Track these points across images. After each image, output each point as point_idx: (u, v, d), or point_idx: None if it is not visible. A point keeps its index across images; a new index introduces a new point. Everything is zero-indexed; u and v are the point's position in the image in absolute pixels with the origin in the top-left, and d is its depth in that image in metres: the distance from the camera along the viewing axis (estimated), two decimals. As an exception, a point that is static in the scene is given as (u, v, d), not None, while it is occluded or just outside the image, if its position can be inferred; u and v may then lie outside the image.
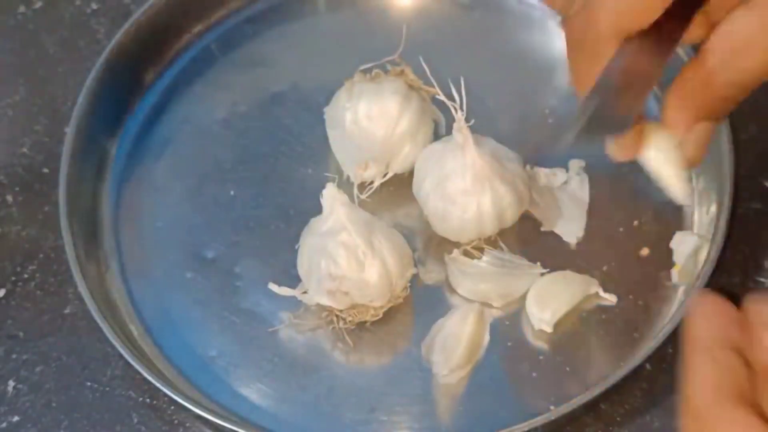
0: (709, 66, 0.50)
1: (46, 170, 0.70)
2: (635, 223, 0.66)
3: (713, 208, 0.66)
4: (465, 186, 0.62)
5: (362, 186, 0.66)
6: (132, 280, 0.66)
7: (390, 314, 0.63)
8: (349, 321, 0.62)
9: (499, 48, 0.74)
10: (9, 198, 0.69)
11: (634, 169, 0.69)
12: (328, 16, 0.76)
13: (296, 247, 0.63)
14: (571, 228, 0.66)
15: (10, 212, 0.69)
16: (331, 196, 0.62)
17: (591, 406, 0.60)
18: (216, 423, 0.58)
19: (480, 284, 0.63)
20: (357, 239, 0.60)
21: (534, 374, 0.62)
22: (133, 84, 0.72)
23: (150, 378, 0.59)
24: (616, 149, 0.55)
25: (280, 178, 0.69)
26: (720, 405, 0.41)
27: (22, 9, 0.77)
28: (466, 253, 0.64)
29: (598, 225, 0.66)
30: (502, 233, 0.65)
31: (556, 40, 0.75)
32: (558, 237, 0.66)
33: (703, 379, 0.42)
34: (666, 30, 0.50)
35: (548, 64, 0.74)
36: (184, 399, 0.59)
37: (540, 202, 0.67)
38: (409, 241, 0.64)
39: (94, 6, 0.77)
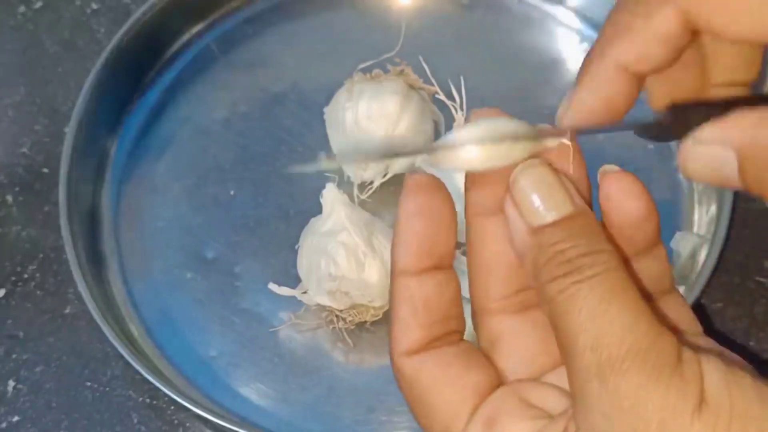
0: None
1: (46, 170, 0.70)
2: (635, 223, 0.66)
3: (713, 208, 0.66)
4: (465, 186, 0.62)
5: (362, 186, 0.66)
6: (132, 280, 0.66)
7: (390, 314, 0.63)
8: (349, 321, 0.62)
9: (499, 48, 0.74)
10: (9, 198, 0.69)
11: (634, 169, 0.69)
12: (328, 16, 0.76)
13: (296, 247, 0.63)
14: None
15: (10, 212, 0.69)
16: (331, 196, 0.62)
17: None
18: (216, 423, 0.58)
19: (480, 284, 0.63)
20: (357, 239, 0.60)
21: (534, 374, 0.62)
22: (133, 84, 0.72)
23: (150, 378, 0.59)
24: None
25: (280, 178, 0.69)
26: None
27: (22, 9, 0.77)
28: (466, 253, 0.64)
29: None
30: (502, 233, 0.64)
31: (556, 40, 0.75)
32: (558, 237, 0.66)
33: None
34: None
35: (548, 64, 0.74)
36: (184, 399, 0.59)
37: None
38: (409, 241, 0.64)
39: (94, 6, 0.77)
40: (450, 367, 0.37)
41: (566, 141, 0.38)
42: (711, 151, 0.39)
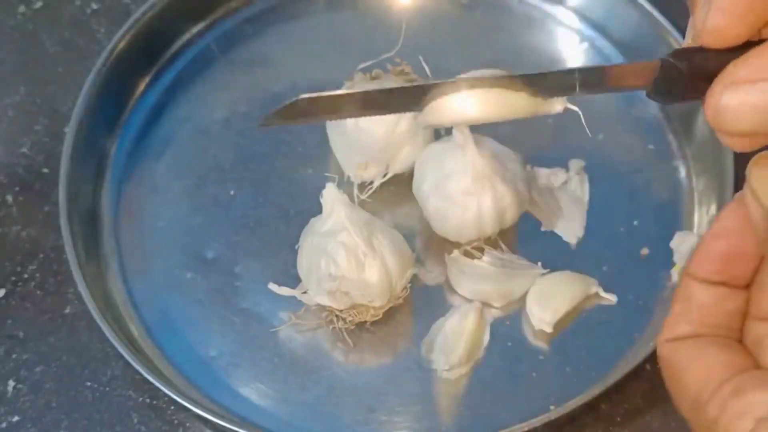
0: None
1: (46, 170, 0.70)
2: (635, 223, 0.67)
3: (713, 208, 0.66)
4: (465, 186, 0.62)
5: (362, 186, 0.66)
6: (132, 280, 0.66)
7: (390, 314, 0.63)
8: (349, 321, 0.62)
9: (499, 48, 0.74)
10: (9, 198, 0.69)
11: (634, 169, 0.69)
12: (328, 16, 0.76)
13: (296, 247, 0.63)
14: (571, 228, 0.66)
15: (10, 212, 0.69)
16: (331, 196, 0.62)
17: (591, 406, 0.60)
18: (216, 423, 0.58)
19: (480, 284, 0.63)
20: (357, 239, 0.60)
21: (534, 374, 0.62)
22: (133, 84, 0.72)
23: (150, 378, 0.59)
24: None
25: (280, 178, 0.69)
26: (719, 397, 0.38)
27: (22, 9, 0.77)
28: (466, 253, 0.64)
29: (598, 225, 0.67)
30: (502, 233, 0.64)
31: (556, 40, 0.75)
32: (558, 237, 0.66)
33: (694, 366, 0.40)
34: None
35: (548, 64, 0.74)
36: (184, 399, 0.59)
37: (540, 202, 0.67)
38: (409, 241, 0.64)
39: (94, 6, 0.77)
40: (703, 348, 0.39)
41: (570, 106, 0.38)
42: (754, 92, 0.36)
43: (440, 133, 0.68)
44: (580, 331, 0.63)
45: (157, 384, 0.59)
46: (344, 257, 0.60)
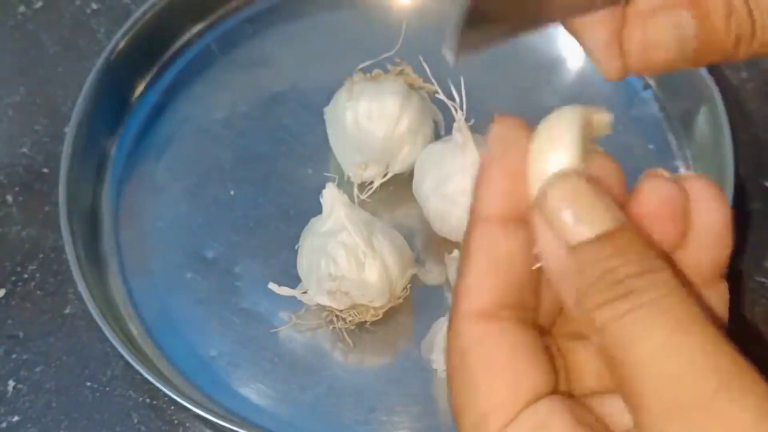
0: None
1: (46, 170, 0.70)
2: (635, 223, 0.66)
3: (713, 208, 0.66)
4: (465, 186, 0.62)
5: (362, 186, 0.66)
6: (132, 280, 0.66)
7: (390, 314, 0.63)
8: (349, 321, 0.62)
9: (499, 48, 0.74)
10: (9, 198, 0.69)
11: (634, 169, 0.69)
12: (328, 16, 0.76)
13: (296, 247, 0.63)
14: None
15: (10, 212, 0.69)
16: (331, 196, 0.62)
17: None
18: (216, 423, 0.58)
19: (480, 284, 0.63)
20: (357, 239, 0.60)
21: (534, 374, 0.62)
22: (133, 84, 0.72)
23: (150, 378, 0.59)
24: None
25: (280, 178, 0.69)
26: (465, 321, 0.32)
27: (22, 9, 0.77)
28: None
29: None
30: (502, 233, 0.64)
31: (556, 40, 0.75)
32: (558, 237, 0.66)
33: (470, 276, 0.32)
34: None
35: (548, 64, 0.74)
36: (184, 399, 0.59)
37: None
38: (409, 241, 0.64)
39: (94, 6, 0.77)
40: (518, 354, 0.32)
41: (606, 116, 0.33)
42: (671, 16, 0.33)
43: (440, 133, 0.68)
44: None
45: (157, 384, 0.59)
46: (344, 257, 0.60)
